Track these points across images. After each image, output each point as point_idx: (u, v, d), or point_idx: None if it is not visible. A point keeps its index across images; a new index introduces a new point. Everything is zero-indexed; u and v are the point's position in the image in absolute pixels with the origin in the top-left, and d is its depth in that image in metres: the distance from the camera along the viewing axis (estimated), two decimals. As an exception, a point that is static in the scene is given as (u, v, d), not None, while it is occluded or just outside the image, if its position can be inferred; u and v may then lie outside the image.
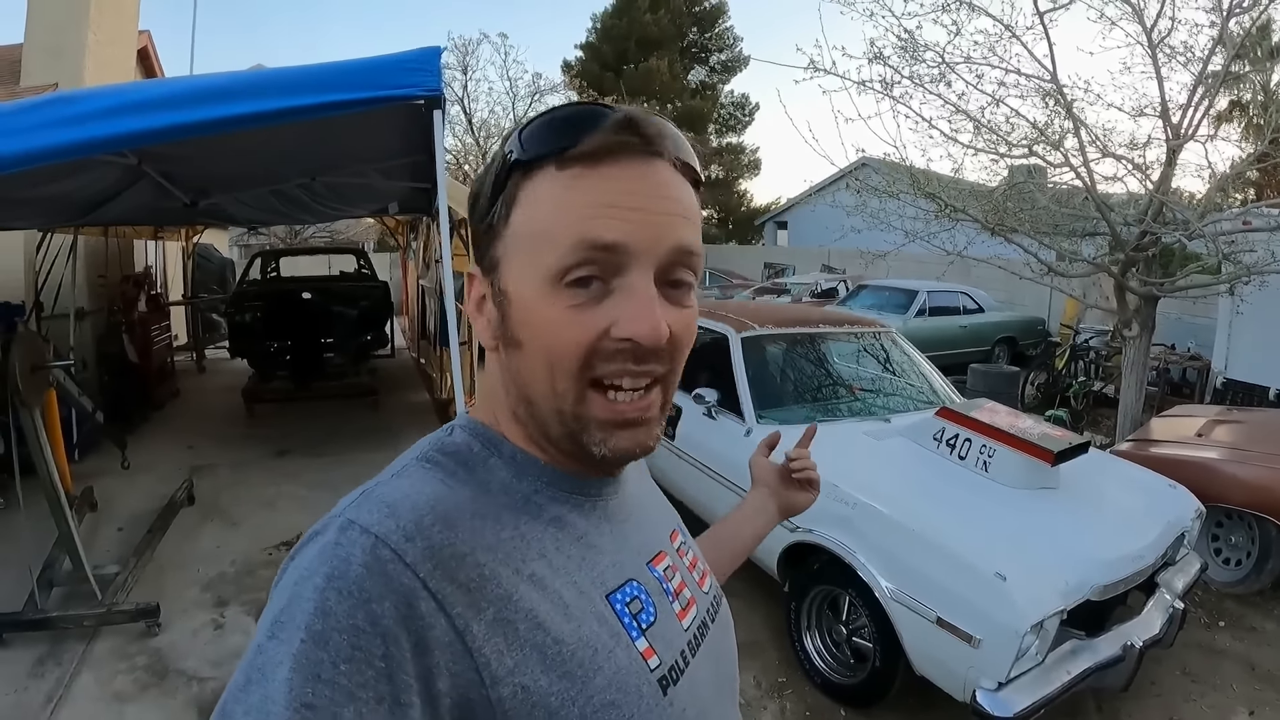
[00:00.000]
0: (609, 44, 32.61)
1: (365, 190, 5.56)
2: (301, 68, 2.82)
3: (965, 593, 2.73)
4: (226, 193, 5.01)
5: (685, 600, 0.77)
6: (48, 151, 2.66)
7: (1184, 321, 9.91)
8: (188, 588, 4.16)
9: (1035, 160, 5.96)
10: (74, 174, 3.76)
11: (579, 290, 0.62)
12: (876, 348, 5.11)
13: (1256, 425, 5.35)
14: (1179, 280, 5.97)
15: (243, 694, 0.51)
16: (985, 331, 11.54)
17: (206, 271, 12.55)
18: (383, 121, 3.41)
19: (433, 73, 2.69)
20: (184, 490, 5.29)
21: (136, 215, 6.19)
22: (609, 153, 0.62)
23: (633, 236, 0.61)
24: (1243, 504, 4.35)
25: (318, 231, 20.22)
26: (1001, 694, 2.61)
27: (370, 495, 0.62)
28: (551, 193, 0.62)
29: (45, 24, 7.63)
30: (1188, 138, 5.60)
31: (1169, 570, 3.42)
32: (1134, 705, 3.43)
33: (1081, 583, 2.81)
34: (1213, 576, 4.52)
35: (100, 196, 4.46)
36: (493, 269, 0.67)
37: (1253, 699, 3.54)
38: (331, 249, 13.98)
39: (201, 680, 3.39)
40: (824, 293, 14.00)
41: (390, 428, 7.39)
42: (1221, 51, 5.43)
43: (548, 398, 0.65)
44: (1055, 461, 3.32)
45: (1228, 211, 5.84)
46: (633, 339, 0.61)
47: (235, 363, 10.10)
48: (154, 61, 11.38)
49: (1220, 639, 4.05)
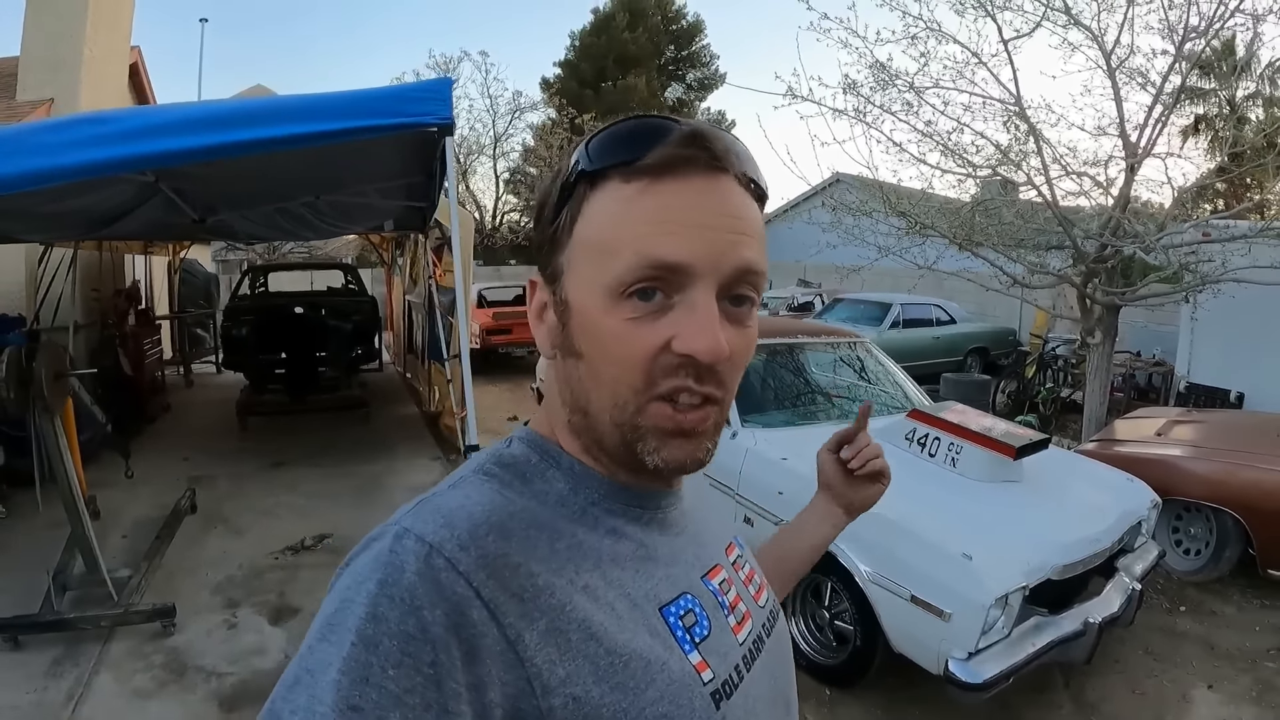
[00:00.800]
0: (588, 62, 32.82)
1: (365, 208, 5.75)
2: (322, 95, 3.02)
3: (935, 572, 3.01)
4: (234, 210, 5.18)
5: (740, 614, 0.77)
6: (79, 169, 2.84)
7: (1150, 329, 10.28)
8: (198, 591, 4.29)
9: (999, 179, 6.28)
10: (95, 190, 3.91)
11: (640, 303, 0.61)
12: (852, 357, 5.37)
13: (1213, 425, 5.68)
14: (1139, 289, 6.29)
15: (290, 694, 0.52)
16: (957, 342, 11.85)
17: (192, 286, 12.55)
18: (388, 144, 3.60)
19: (445, 102, 2.91)
20: (187, 499, 5.42)
21: (147, 230, 6.32)
22: (674, 167, 0.62)
23: (696, 255, 0.61)
24: (1200, 496, 4.68)
25: (296, 247, 20.20)
26: (972, 663, 2.88)
27: (426, 504, 0.62)
28: (616, 205, 0.63)
29: (42, 38, 7.73)
30: (1145, 154, 5.93)
31: (1128, 556, 3.71)
32: (1099, 680, 3.70)
33: (1042, 563, 3.09)
34: (1174, 566, 4.82)
35: (116, 212, 4.62)
36: (555, 278, 0.67)
37: (1211, 674, 3.82)
38: (322, 264, 14.04)
39: (220, 675, 3.50)
40: (800, 306, 14.26)
41: (382, 440, 7.55)
42: (1178, 72, 5.74)
43: (607, 408, 0.65)
44: (1017, 455, 3.61)
45: (1188, 224, 6.16)
46: (693, 355, 0.61)
47: (222, 377, 10.17)
48: (143, 78, 11.46)
49: (1181, 622, 4.33)
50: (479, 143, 29.62)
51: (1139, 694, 3.63)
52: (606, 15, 33.43)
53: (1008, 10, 5.92)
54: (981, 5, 5.88)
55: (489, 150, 30.06)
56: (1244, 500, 4.52)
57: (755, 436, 4.02)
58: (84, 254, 7.79)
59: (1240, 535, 4.57)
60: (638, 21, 33.10)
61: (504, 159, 30.75)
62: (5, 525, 5.21)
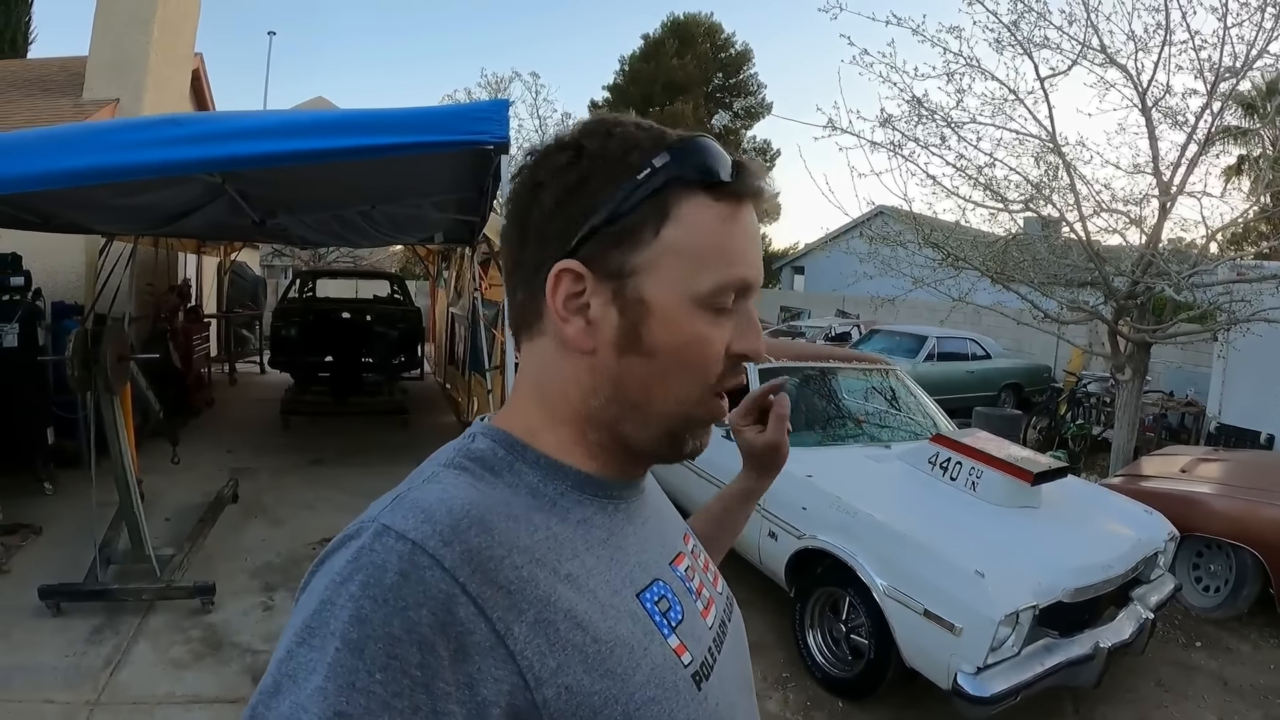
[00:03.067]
0: (635, 86, 33.07)
1: (417, 220, 5.92)
2: (387, 111, 3.20)
3: (949, 587, 3.12)
4: (293, 215, 5.37)
5: (705, 600, 0.80)
6: (154, 166, 3.03)
7: (1184, 371, 10.30)
8: (237, 574, 4.47)
9: (1032, 214, 6.35)
10: (165, 187, 4.11)
11: (720, 310, 0.69)
12: (883, 384, 5.48)
13: (1237, 463, 5.70)
14: (1169, 328, 6.31)
15: (273, 700, 0.51)
16: (992, 377, 11.82)
17: (240, 288, 12.84)
18: (444, 160, 3.76)
19: (502, 122, 3.06)
20: (230, 487, 5.63)
21: (209, 229, 6.53)
22: (745, 197, 0.69)
23: (758, 276, 0.71)
24: (1220, 533, 4.70)
25: (341, 256, 20.60)
26: (980, 678, 2.97)
27: (404, 500, 0.62)
28: (714, 222, 0.67)
29: (110, 41, 8.05)
30: (1178, 193, 5.97)
31: (1143, 587, 3.78)
32: (1108, 709, 3.73)
33: (1054, 585, 3.18)
34: (1193, 602, 4.84)
35: (182, 210, 4.82)
36: (619, 275, 0.67)
37: (1222, 709, 3.84)
38: (371, 274, 14.33)
39: (255, 652, 3.66)
40: (837, 336, 14.33)
41: (420, 445, 7.49)
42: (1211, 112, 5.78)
43: (671, 403, 0.70)
44: (1035, 481, 3.71)
45: (1221, 263, 6.18)
46: (749, 355, 0.71)
47: (266, 377, 10.41)
48: (204, 84, 11.79)
49: (1196, 657, 4.36)
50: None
51: None
52: (656, 41, 33.72)
53: (1045, 49, 6.01)
54: (1019, 44, 5.98)
55: (539, 170, 30.56)
56: (1264, 538, 4.53)
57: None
58: (141, 249, 8.06)
59: (1260, 573, 4.57)
60: (687, 49, 33.33)
61: (553, 178, 31.26)
62: (53, 501, 5.44)
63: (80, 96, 8.04)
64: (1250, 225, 8.30)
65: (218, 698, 3.34)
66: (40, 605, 3.82)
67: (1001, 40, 6.04)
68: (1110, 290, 6.23)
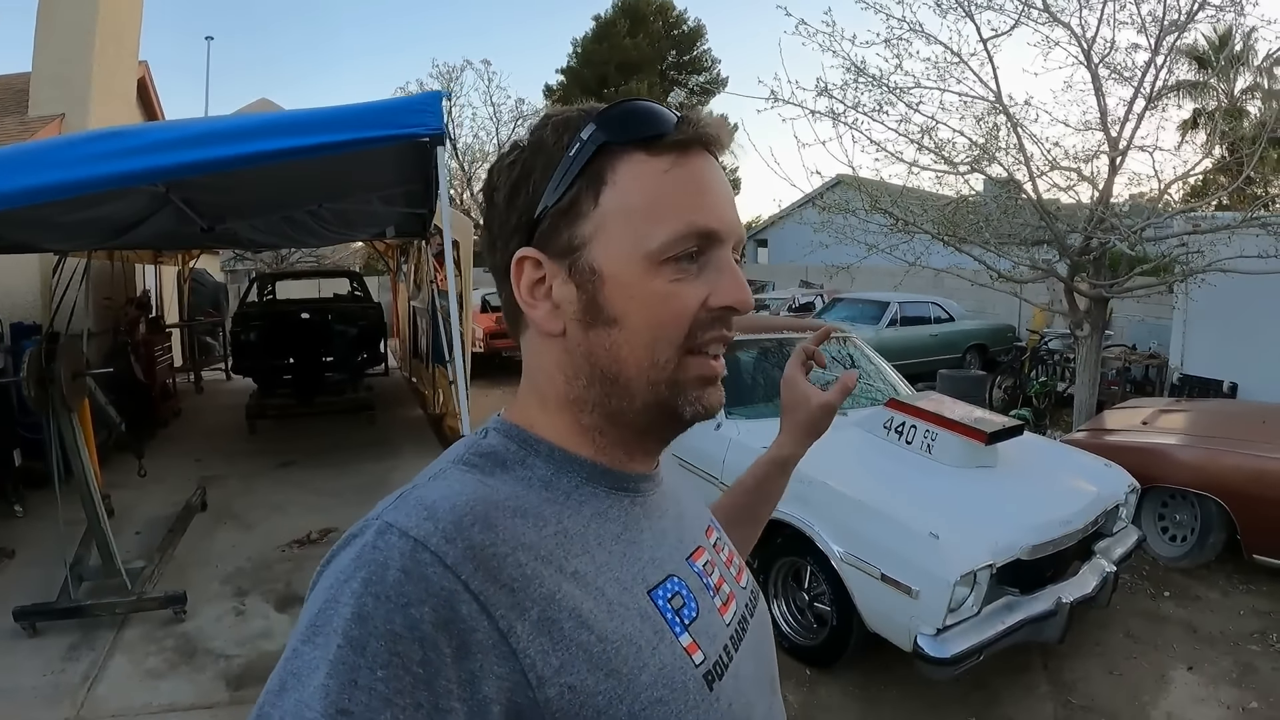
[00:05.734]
0: (589, 68, 33.09)
1: (366, 215, 5.94)
2: (321, 110, 3.21)
3: (904, 551, 3.17)
4: (241, 219, 5.36)
5: (725, 595, 0.77)
6: (98, 180, 3.02)
7: (1147, 324, 10.40)
8: (209, 581, 4.48)
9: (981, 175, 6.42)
10: (110, 200, 4.09)
11: (685, 265, 0.66)
12: (840, 353, 5.53)
13: (1198, 413, 5.80)
14: (1125, 282, 6.40)
15: (278, 699, 0.51)
16: (956, 340, 11.97)
17: (201, 295, 12.74)
18: (386, 155, 3.76)
19: (436, 114, 3.09)
20: (198, 496, 5.62)
21: (158, 239, 6.48)
22: (690, 145, 0.68)
23: (723, 223, 0.68)
24: (1184, 483, 4.77)
25: (304, 256, 20.43)
26: (940, 639, 3.02)
27: (408, 497, 0.62)
28: (650, 176, 0.66)
29: (52, 53, 7.93)
30: (1127, 148, 6.07)
31: (1106, 540, 3.85)
32: (1077, 662, 3.81)
33: (1011, 543, 3.23)
34: (1159, 552, 4.92)
35: (129, 221, 4.79)
36: (569, 251, 0.67)
37: (1192, 656, 3.90)
38: (328, 272, 14.18)
39: (229, 657, 3.69)
40: (801, 307, 14.39)
41: (389, 440, 7.74)
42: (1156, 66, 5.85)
43: (645, 369, 0.68)
44: (989, 441, 3.76)
45: (1175, 215, 6.27)
46: (731, 306, 0.68)
47: (232, 383, 10.36)
48: (151, 93, 11.58)
49: (1164, 607, 4.43)
50: (482, 150, 29.96)
51: (1116, 675, 3.71)
52: (608, 22, 33.67)
53: (989, 10, 6.06)
54: (960, 6, 6.01)
55: (492, 158, 30.43)
56: (1227, 486, 4.59)
57: (739, 428, 4.17)
58: (96, 264, 7.96)
59: (1225, 521, 4.63)
60: (638, 27, 33.33)
61: (508, 166, 31.15)
62: (23, 523, 5.41)
63: (25, 114, 7.91)
64: (1209, 178, 8.40)
65: (194, 705, 3.36)
66: (16, 627, 3.82)
67: (942, 4, 6.07)
68: (1064, 247, 6.32)
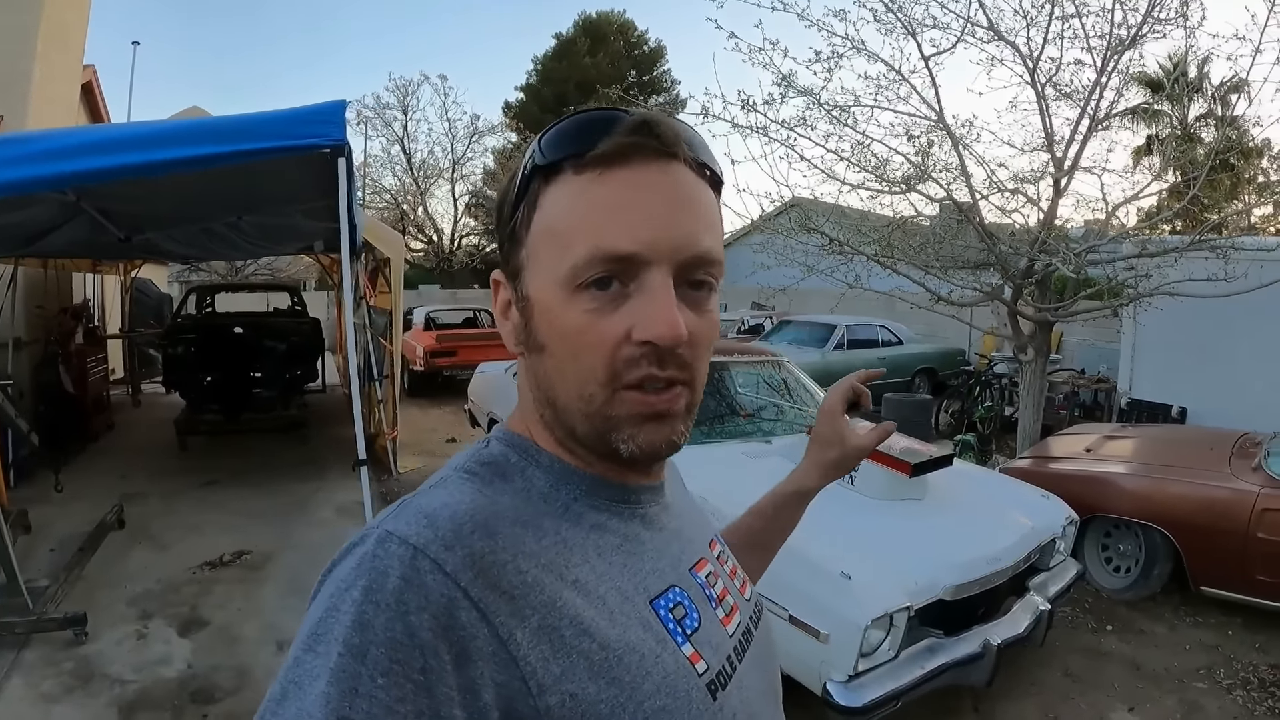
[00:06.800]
0: (549, 86, 33.08)
1: (289, 229, 5.84)
2: (219, 119, 3.15)
3: (814, 592, 2.95)
4: (159, 229, 5.26)
5: (728, 607, 0.77)
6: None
7: (1096, 347, 10.47)
8: (115, 602, 4.34)
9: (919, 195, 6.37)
10: (16, 208, 3.99)
11: (598, 293, 0.61)
12: (773, 377, 5.50)
13: (1142, 440, 5.71)
14: (1070, 305, 6.33)
15: (279, 707, 0.51)
16: (905, 362, 11.91)
17: (144, 306, 12.50)
18: (297, 166, 3.69)
19: (337, 124, 3.01)
20: (114, 514, 5.46)
21: (74, 249, 6.36)
22: (624, 155, 0.62)
23: (646, 243, 0.61)
24: (1128, 513, 4.64)
25: (259, 269, 20.21)
26: (851, 686, 2.82)
27: (408, 506, 0.61)
28: (568, 198, 0.63)
29: (-10, 59, 7.74)
30: (1072, 169, 6.01)
31: (1041, 575, 3.70)
32: (1010, 705, 3.60)
33: (932, 583, 3.06)
34: (1103, 584, 4.79)
35: (39, 230, 4.67)
36: (516, 274, 0.67)
37: (1134, 696, 3.72)
38: (265, 285, 13.92)
39: (124, 683, 3.58)
40: (750, 329, 14.35)
41: (318, 460, 7.59)
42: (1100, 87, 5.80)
43: (574, 401, 0.65)
44: (913, 473, 3.53)
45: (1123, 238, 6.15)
46: (652, 341, 0.61)
47: (170, 397, 10.08)
48: (98, 97, 11.49)
49: (1107, 642, 4.26)
50: (437, 166, 29.98)
51: (1051, 718, 3.54)
52: (568, 40, 33.84)
53: (934, 29, 5.97)
54: (904, 25, 5.92)
55: (447, 174, 30.37)
56: (1172, 516, 4.46)
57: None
58: (29, 271, 7.79)
59: (1170, 552, 4.50)
60: (599, 46, 33.50)
61: (463, 182, 31.10)
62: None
63: (-39, 115, 7.72)
64: (1164, 204, 8.34)
65: (84, 732, 3.24)
66: (-84, 648, 3.68)
67: (880, 20, 5.95)
68: (1007, 270, 6.24)
